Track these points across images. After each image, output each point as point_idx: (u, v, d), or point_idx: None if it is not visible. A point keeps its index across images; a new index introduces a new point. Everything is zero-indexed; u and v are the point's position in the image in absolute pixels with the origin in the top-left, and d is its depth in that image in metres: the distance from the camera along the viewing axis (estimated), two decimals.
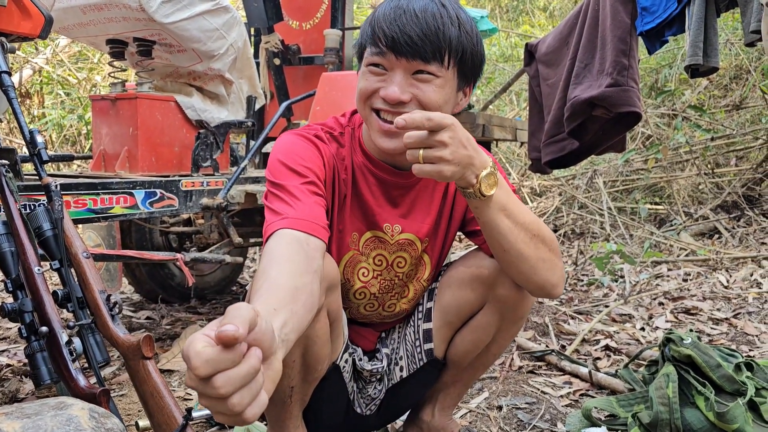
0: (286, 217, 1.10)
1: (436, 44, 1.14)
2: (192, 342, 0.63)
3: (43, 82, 6.69)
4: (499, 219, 1.16)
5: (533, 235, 1.20)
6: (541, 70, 2.75)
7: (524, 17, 8.85)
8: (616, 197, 5.50)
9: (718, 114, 5.57)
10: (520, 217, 1.19)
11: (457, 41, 1.16)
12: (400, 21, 1.14)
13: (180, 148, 2.51)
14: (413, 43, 1.13)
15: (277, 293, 0.90)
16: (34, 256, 1.28)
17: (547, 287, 1.25)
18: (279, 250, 1.03)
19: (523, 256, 1.20)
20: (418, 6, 1.15)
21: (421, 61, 1.14)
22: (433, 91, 1.16)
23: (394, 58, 1.15)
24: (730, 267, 3.77)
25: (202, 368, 0.61)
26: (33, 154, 1.45)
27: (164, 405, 1.14)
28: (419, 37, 1.13)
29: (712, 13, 2.13)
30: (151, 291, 3.16)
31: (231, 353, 0.62)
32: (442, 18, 1.14)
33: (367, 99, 1.20)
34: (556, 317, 2.88)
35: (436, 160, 1.06)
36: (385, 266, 1.38)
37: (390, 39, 1.14)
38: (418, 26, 1.13)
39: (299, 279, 0.96)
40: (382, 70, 1.17)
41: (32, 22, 1.67)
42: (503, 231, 1.17)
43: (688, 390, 1.67)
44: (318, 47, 3.27)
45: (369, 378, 1.47)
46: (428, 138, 1.05)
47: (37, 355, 1.20)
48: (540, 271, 1.23)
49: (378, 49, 1.16)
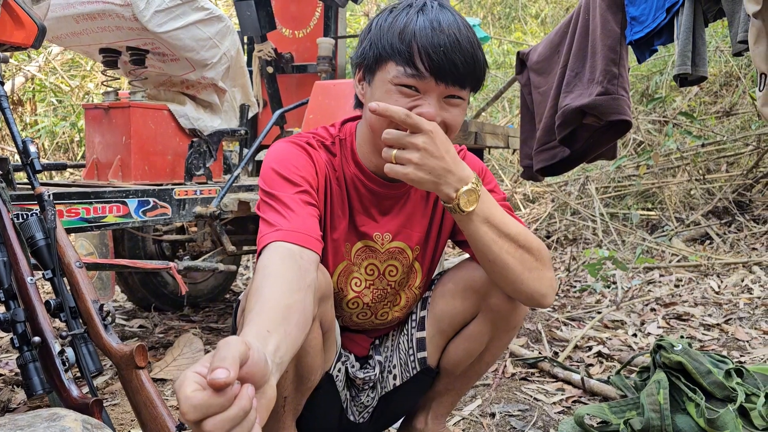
0: (279, 229, 1.10)
1: (473, 73, 1.15)
2: (182, 384, 0.64)
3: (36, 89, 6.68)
4: (482, 231, 1.17)
5: (519, 246, 1.21)
6: (533, 78, 2.76)
7: (516, 25, 8.90)
8: (608, 203, 5.53)
9: (709, 120, 5.62)
10: (505, 229, 1.19)
11: (484, 67, 1.18)
12: (445, 47, 1.11)
13: (173, 157, 2.51)
14: (458, 72, 1.12)
15: (269, 314, 0.90)
16: (27, 265, 1.28)
17: (536, 297, 1.26)
18: (272, 266, 1.02)
19: (509, 267, 1.21)
20: (452, 27, 1.12)
21: (459, 87, 1.15)
22: (459, 114, 1.18)
23: (434, 83, 1.13)
24: (722, 273, 3.79)
25: (192, 414, 0.62)
26: (26, 164, 1.45)
27: (157, 415, 1.14)
28: (462, 65, 1.12)
29: (700, 23, 2.16)
30: (144, 299, 3.15)
31: (221, 397, 0.63)
32: (473, 43, 1.14)
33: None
34: (549, 324, 2.89)
35: (405, 162, 1.08)
36: (377, 275, 1.38)
37: (436, 65, 1.11)
38: (461, 53, 1.12)
39: (291, 297, 0.96)
40: (415, 92, 1.15)
41: (25, 31, 1.68)
42: (487, 243, 1.18)
43: (679, 396, 1.68)
44: (311, 56, 3.28)
45: (362, 386, 1.47)
46: (403, 138, 1.06)
47: (29, 365, 1.19)
48: (527, 281, 1.23)
49: (417, 72, 1.12)
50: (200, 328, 2.88)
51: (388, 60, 1.15)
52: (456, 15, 1.17)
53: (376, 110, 1.09)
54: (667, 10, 2.19)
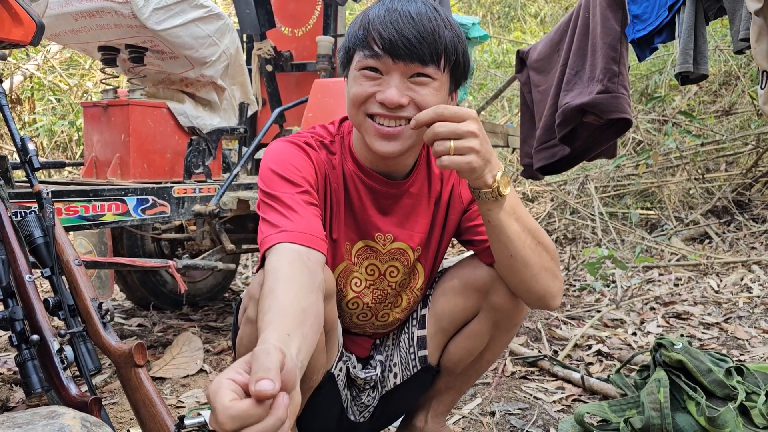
0: (284, 230, 1.09)
1: (433, 46, 1.12)
2: (218, 392, 0.63)
3: (35, 88, 6.66)
4: (509, 222, 1.17)
5: (538, 242, 1.22)
6: (533, 76, 2.76)
7: (516, 24, 8.90)
8: (608, 202, 5.53)
9: (708, 120, 5.62)
10: (528, 222, 1.20)
11: (451, 44, 1.15)
12: (396, 23, 1.11)
13: (172, 155, 2.50)
14: (411, 46, 1.11)
15: (286, 317, 0.90)
16: (25, 263, 1.27)
17: (547, 297, 1.26)
18: (283, 268, 1.01)
19: (529, 264, 1.21)
20: (413, 9, 1.13)
21: (419, 63, 1.13)
22: (431, 93, 1.15)
23: (391, 61, 1.13)
24: (721, 272, 3.79)
25: (230, 424, 0.62)
26: (24, 161, 1.45)
27: (156, 413, 1.14)
28: (417, 39, 1.11)
29: (702, 21, 2.15)
30: (143, 298, 3.15)
31: (260, 408, 0.62)
32: (437, 20, 1.13)
33: (362, 104, 1.17)
34: (549, 322, 2.89)
35: (466, 151, 1.05)
36: (377, 276, 1.37)
37: (387, 41, 1.11)
38: (415, 28, 1.11)
39: (306, 300, 0.96)
40: (377, 74, 1.15)
41: (24, 29, 1.67)
42: (512, 235, 1.18)
43: (680, 395, 1.68)
44: (310, 54, 3.27)
45: (363, 386, 1.47)
46: (459, 128, 1.04)
47: (27, 363, 1.19)
48: (542, 279, 1.23)
49: (372, 52, 1.13)
50: (199, 327, 2.88)
51: (354, 50, 1.18)
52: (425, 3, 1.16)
53: (415, 126, 1.09)
54: (669, 8, 2.19)
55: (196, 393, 2.10)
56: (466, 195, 1.36)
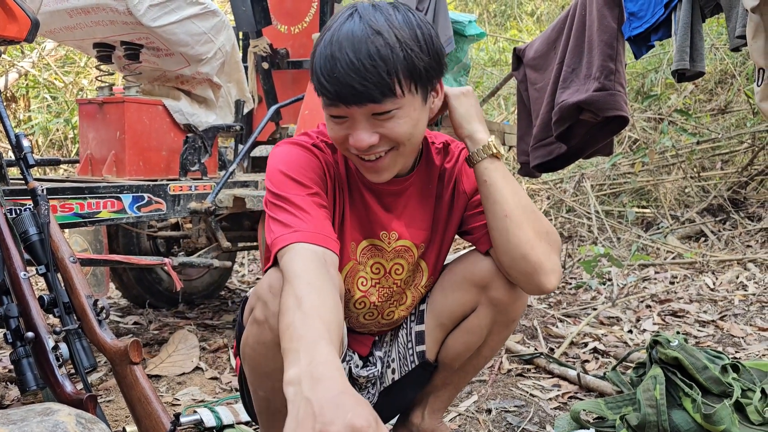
0: (298, 230, 1.10)
1: (381, 84, 1.08)
2: None
3: (30, 85, 6.64)
4: (505, 181, 1.25)
5: (532, 210, 1.26)
6: (529, 74, 2.76)
7: (512, 22, 8.90)
8: (604, 201, 5.54)
9: (704, 118, 5.63)
10: (522, 193, 1.28)
11: (404, 67, 1.10)
12: (338, 73, 1.08)
13: (168, 152, 2.50)
14: (358, 93, 1.08)
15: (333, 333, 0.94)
16: (20, 261, 1.27)
17: (541, 273, 1.25)
18: (309, 273, 1.03)
19: (523, 225, 1.24)
20: (351, 50, 1.08)
21: (372, 104, 1.10)
22: (398, 124, 1.14)
23: (346, 107, 1.11)
24: (716, 270, 3.80)
25: None
26: (19, 158, 1.44)
27: (152, 410, 1.14)
28: (362, 85, 1.08)
29: (698, 19, 2.16)
30: (139, 296, 3.14)
31: None
32: (379, 52, 1.07)
33: (341, 144, 1.19)
34: (545, 320, 2.89)
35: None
36: (383, 274, 1.37)
37: (334, 93, 1.09)
38: (357, 73, 1.07)
39: (339, 312, 1.01)
40: (343, 119, 1.15)
41: (18, 25, 1.66)
42: (507, 195, 1.24)
43: (676, 392, 1.68)
44: (306, 51, 3.27)
45: (364, 384, 1.47)
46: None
47: (22, 360, 1.19)
48: (537, 248, 1.24)
49: (328, 101, 1.12)
50: (195, 325, 2.87)
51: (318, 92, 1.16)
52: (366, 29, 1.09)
53: None
54: (666, 6, 2.19)
55: (191, 391, 2.09)
56: (469, 189, 1.37)
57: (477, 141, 1.27)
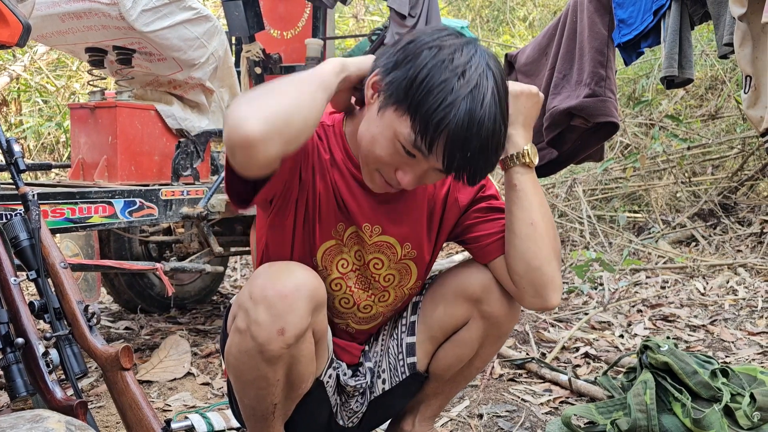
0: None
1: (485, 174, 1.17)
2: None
3: (21, 89, 6.61)
4: (535, 190, 1.28)
5: (553, 227, 1.29)
6: (521, 80, 2.77)
7: (504, 27, 8.93)
8: (596, 206, 5.56)
9: (695, 123, 5.66)
10: (546, 203, 1.30)
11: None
12: (471, 151, 1.07)
13: (160, 157, 2.49)
14: (461, 167, 1.10)
15: None
16: (10, 266, 1.26)
17: (550, 288, 1.28)
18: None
19: (545, 237, 1.27)
20: (488, 122, 1.06)
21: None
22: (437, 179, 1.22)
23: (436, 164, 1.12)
24: (707, 274, 3.82)
25: None
26: (10, 163, 1.43)
27: (143, 417, 1.14)
28: (474, 170, 1.12)
29: (687, 26, 2.17)
30: (130, 301, 3.13)
31: None
32: (498, 149, 1.13)
33: (377, 162, 1.16)
34: (537, 325, 2.90)
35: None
36: (362, 263, 1.36)
37: (452, 163, 1.08)
38: (481, 161, 1.10)
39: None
40: (411, 156, 1.11)
41: (9, 29, 1.66)
42: (535, 203, 1.27)
43: (666, 396, 1.69)
44: (299, 56, 3.27)
45: (352, 392, 1.46)
46: None
47: (12, 366, 1.18)
48: (553, 263, 1.27)
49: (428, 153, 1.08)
50: (187, 330, 2.86)
51: (409, 118, 1.08)
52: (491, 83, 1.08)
53: None
54: (655, 13, 2.21)
55: (183, 396, 2.09)
56: (462, 199, 1.37)
57: (513, 145, 1.27)
